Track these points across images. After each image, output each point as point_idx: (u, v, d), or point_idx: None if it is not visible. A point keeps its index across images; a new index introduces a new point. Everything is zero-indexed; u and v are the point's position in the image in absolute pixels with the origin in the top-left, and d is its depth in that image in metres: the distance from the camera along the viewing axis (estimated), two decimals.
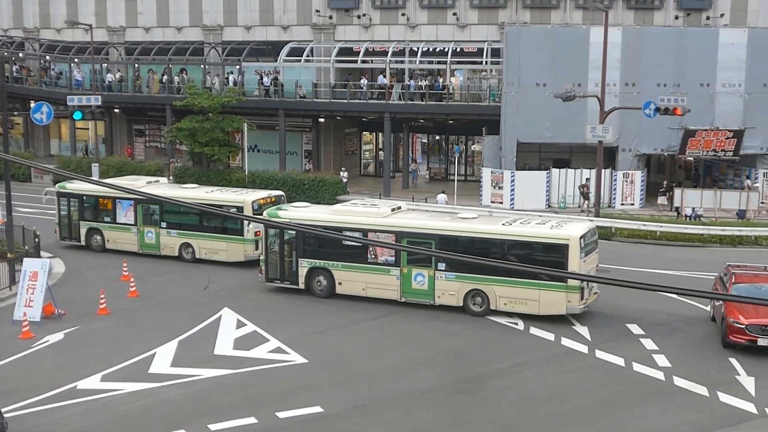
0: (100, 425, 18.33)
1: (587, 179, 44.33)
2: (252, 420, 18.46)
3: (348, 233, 27.24)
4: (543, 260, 25.37)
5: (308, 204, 31.60)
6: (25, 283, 25.77)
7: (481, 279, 26.01)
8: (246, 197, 32.97)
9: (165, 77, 54.82)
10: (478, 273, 25.92)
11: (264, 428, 18.10)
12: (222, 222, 32.98)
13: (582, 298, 25.12)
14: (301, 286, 28.57)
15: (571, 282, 24.70)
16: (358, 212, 28.52)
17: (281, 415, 18.73)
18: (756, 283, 24.80)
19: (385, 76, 50.09)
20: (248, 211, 31.83)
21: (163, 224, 34.05)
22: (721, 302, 23.85)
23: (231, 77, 52.85)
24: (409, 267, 27.03)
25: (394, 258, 27.17)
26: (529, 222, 26.95)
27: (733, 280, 24.62)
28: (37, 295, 25.54)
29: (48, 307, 25.98)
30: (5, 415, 17.46)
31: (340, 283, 28.10)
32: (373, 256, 27.60)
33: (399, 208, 29.35)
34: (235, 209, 32.05)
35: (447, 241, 26.34)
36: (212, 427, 18.12)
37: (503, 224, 26.57)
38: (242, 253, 32.50)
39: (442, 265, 26.48)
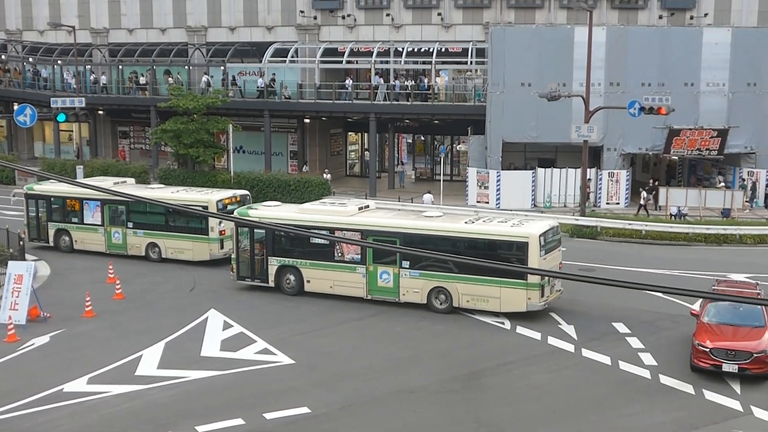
0: (87, 428, 18.26)
1: (656, 181, 44.67)
2: (239, 421, 18.43)
3: (315, 232, 27.34)
4: (504, 257, 25.62)
5: (279, 203, 31.90)
6: (10, 286, 25.65)
7: (443, 277, 26.38)
8: (210, 197, 33.36)
9: (142, 78, 54.82)
10: (441, 271, 26.36)
11: (251, 429, 18.08)
12: (187, 222, 33.35)
13: (542, 296, 25.37)
14: (271, 284, 28.97)
15: (531, 279, 25.04)
16: (326, 211, 28.81)
17: (268, 416, 18.71)
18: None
19: (381, 76, 50.02)
20: (213, 210, 32.20)
21: (130, 224, 34.33)
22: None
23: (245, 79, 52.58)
24: (375, 265, 27.34)
25: (360, 256, 27.51)
26: (491, 220, 27.40)
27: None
28: (23, 298, 25.42)
29: (33, 310, 25.86)
30: None
31: (308, 281, 28.50)
32: (339, 255, 27.93)
33: (367, 207, 29.72)
34: (200, 209, 32.31)
35: (410, 239, 26.67)
36: (199, 428, 18.09)
37: (465, 222, 26.94)
38: (207, 252, 32.84)
39: (406, 263, 26.81)
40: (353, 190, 50.42)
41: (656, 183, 45.94)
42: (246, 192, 35.40)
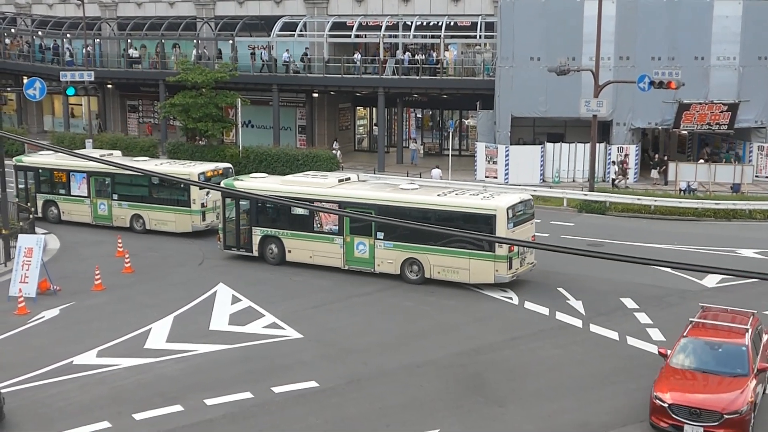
0: (97, 400, 18.39)
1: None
2: (248, 395, 18.54)
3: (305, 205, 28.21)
4: (473, 230, 25.88)
5: (265, 175, 32.67)
6: (20, 259, 25.78)
7: (416, 248, 26.87)
8: (192, 169, 34.01)
9: (135, 52, 54.95)
10: (413, 242, 26.83)
11: (260, 403, 18.18)
12: (170, 194, 33.93)
13: (510, 268, 25.80)
14: (255, 253, 29.74)
15: (498, 252, 25.52)
16: (306, 183, 29.61)
17: (277, 389, 18.81)
18: (713, 338, 18.01)
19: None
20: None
21: (115, 196, 34.85)
22: None
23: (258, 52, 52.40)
24: (352, 236, 27.98)
25: (338, 227, 28.21)
26: (464, 193, 27.90)
27: (685, 332, 18.39)
28: (33, 272, 25.55)
29: (43, 283, 26.01)
30: (2, 391, 17.50)
31: (289, 251, 29.25)
32: (318, 226, 28.63)
33: (348, 179, 30.53)
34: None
35: (385, 210, 27.13)
36: (208, 402, 18.20)
37: (438, 195, 27.44)
38: (190, 224, 33.45)
39: (380, 235, 27.45)
40: (362, 164, 50.37)
41: (665, 158, 45.74)
42: (228, 165, 36.02)
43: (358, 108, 58.78)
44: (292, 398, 18.43)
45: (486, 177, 45.13)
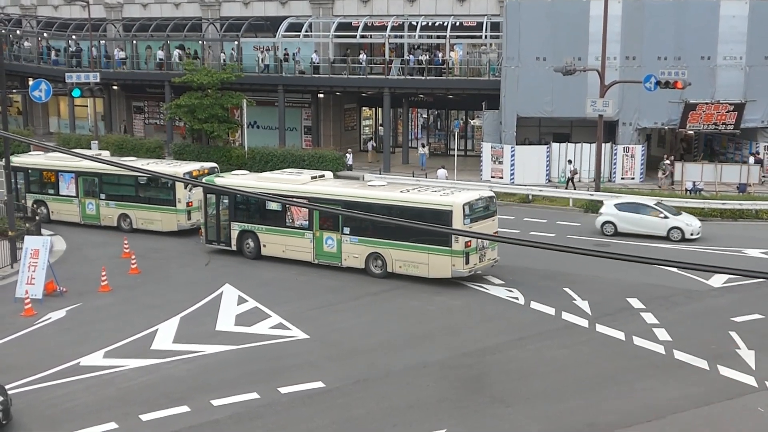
0: (103, 401, 18.42)
1: (672, 158, 44.38)
2: (254, 395, 18.55)
3: (274, 199, 29.42)
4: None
5: (246, 172, 33.79)
6: (26, 260, 25.80)
7: (379, 243, 27.74)
8: (177, 169, 34.50)
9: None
10: (377, 237, 27.74)
11: (266, 403, 18.19)
12: (156, 193, 34.43)
13: (467, 263, 26.46)
14: (234, 247, 30.73)
15: (455, 247, 26.23)
16: (280, 179, 30.70)
17: (283, 390, 18.82)
18: None
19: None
20: (179, 183, 33.41)
21: (103, 196, 35.27)
22: None
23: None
24: (321, 231, 28.87)
25: (308, 222, 29.10)
26: (426, 190, 28.75)
27: None
28: (39, 273, 25.59)
29: (50, 284, 26.04)
30: (9, 392, 17.54)
31: (264, 245, 30.23)
32: (290, 221, 29.56)
33: (322, 176, 31.39)
34: (169, 183, 33.63)
35: (351, 206, 27.76)
36: (215, 402, 18.21)
37: (401, 192, 28.32)
38: (175, 223, 33.95)
39: (347, 230, 28.29)
40: (368, 165, 50.36)
41: (672, 158, 45.66)
42: (214, 164, 36.53)
43: (363, 108, 58.77)
44: (298, 399, 18.44)
45: (492, 177, 45.09)
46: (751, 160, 44.24)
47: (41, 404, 18.31)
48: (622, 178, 44.87)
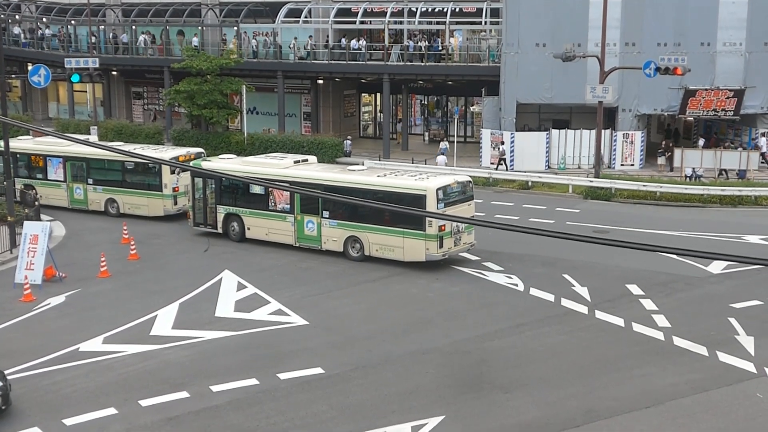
0: (103, 387, 18.45)
1: (671, 143, 44.41)
2: (253, 381, 18.58)
3: (254, 182, 29.39)
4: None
5: (233, 156, 34.36)
6: (25, 246, 25.82)
7: (356, 227, 28.20)
8: (164, 154, 34.80)
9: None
10: (354, 221, 28.21)
11: (265, 389, 18.22)
12: (143, 178, 34.62)
13: (441, 247, 26.85)
14: (220, 230, 31.26)
15: (429, 231, 26.64)
16: (263, 163, 31.26)
17: (282, 376, 18.85)
18: None
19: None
20: (166, 168, 33.48)
21: (90, 180, 35.49)
22: None
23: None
24: (302, 215, 29.35)
25: (289, 206, 29.55)
26: (402, 175, 29.10)
27: None
28: (38, 258, 25.60)
29: (49, 270, 26.05)
30: (8, 377, 17.56)
31: (248, 228, 30.69)
32: (273, 204, 30.00)
33: (305, 160, 31.89)
34: (155, 168, 33.88)
35: (330, 190, 28.11)
36: (214, 388, 18.24)
37: (378, 176, 28.78)
38: (162, 208, 34.16)
39: (326, 213, 28.77)
40: (367, 151, 50.30)
41: (671, 144, 45.63)
42: (201, 150, 36.92)
43: (363, 94, 58.64)
44: (297, 385, 18.47)
45: (491, 163, 45.04)
46: (763, 140, 44.22)
47: (41, 390, 18.34)
48: (622, 165, 44.86)
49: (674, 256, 27.06)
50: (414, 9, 49.36)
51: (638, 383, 18.50)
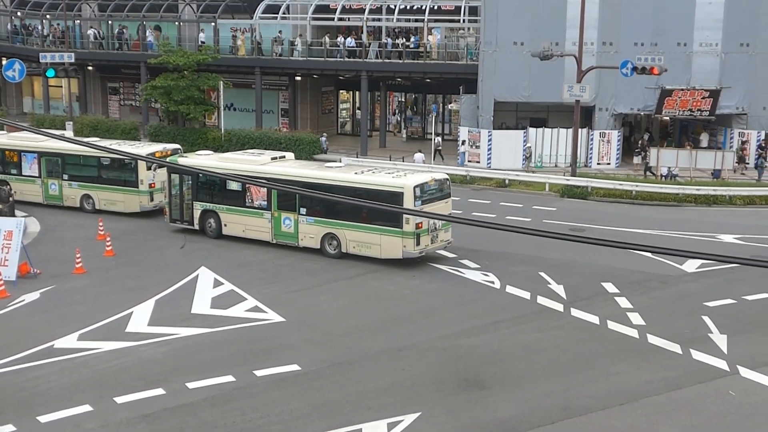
0: (78, 384, 18.34)
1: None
2: (230, 378, 18.53)
3: (231, 178, 29.33)
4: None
5: (210, 152, 34.27)
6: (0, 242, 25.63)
7: (333, 224, 28.23)
8: (140, 150, 34.53)
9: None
10: (331, 218, 28.26)
11: (242, 386, 18.18)
12: (119, 174, 34.42)
13: (418, 244, 26.90)
14: (196, 227, 31.14)
15: (406, 228, 26.68)
16: (240, 160, 31.21)
17: (259, 373, 18.82)
18: None
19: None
20: (142, 164, 33.33)
21: (65, 176, 35.27)
22: None
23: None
24: (279, 211, 29.31)
25: (266, 202, 29.49)
26: (380, 172, 29.14)
27: None
28: (12, 255, 25.39)
29: (23, 266, 25.85)
30: None
31: (225, 225, 30.66)
32: (250, 201, 29.94)
33: (283, 157, 31.82)
34: (132, 164, 33.63)
35: (307, 187, 27.97)
36: (190, 385, 18.18)
37: (355, 173, 28.78)
38: (138, 204, 33.97)
39: (303, 210, 28.78)
40: (345, 148, 50.28)
41: (647, 143, 45.87)
42: (177, 146, 36.62)
43: (341, 91, 58.58)
44: (273, 381, 18.45)
45: (469, 161, 45.13)
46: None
47: (15, 387, 18.20)
48: (598, 164, 45.07)
49: (649, 255, 27.26)
50: (392, 6, 49.34)
51: (613, 381, 18.62)
